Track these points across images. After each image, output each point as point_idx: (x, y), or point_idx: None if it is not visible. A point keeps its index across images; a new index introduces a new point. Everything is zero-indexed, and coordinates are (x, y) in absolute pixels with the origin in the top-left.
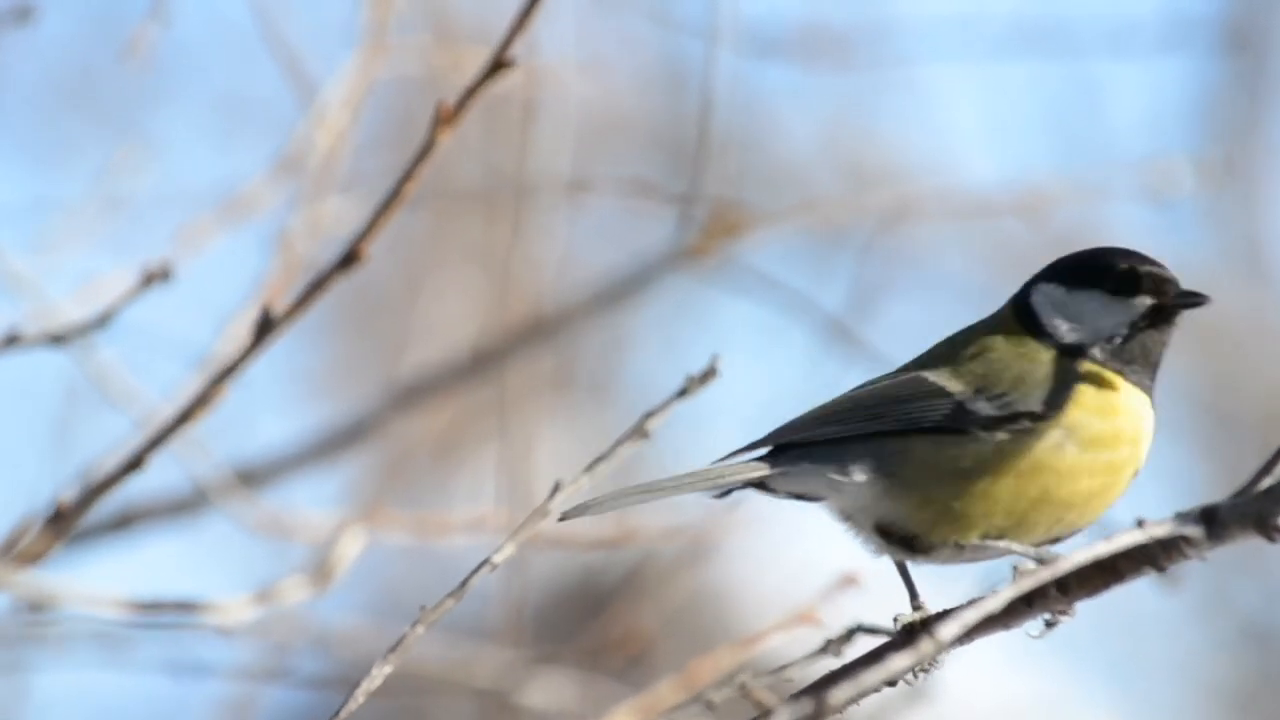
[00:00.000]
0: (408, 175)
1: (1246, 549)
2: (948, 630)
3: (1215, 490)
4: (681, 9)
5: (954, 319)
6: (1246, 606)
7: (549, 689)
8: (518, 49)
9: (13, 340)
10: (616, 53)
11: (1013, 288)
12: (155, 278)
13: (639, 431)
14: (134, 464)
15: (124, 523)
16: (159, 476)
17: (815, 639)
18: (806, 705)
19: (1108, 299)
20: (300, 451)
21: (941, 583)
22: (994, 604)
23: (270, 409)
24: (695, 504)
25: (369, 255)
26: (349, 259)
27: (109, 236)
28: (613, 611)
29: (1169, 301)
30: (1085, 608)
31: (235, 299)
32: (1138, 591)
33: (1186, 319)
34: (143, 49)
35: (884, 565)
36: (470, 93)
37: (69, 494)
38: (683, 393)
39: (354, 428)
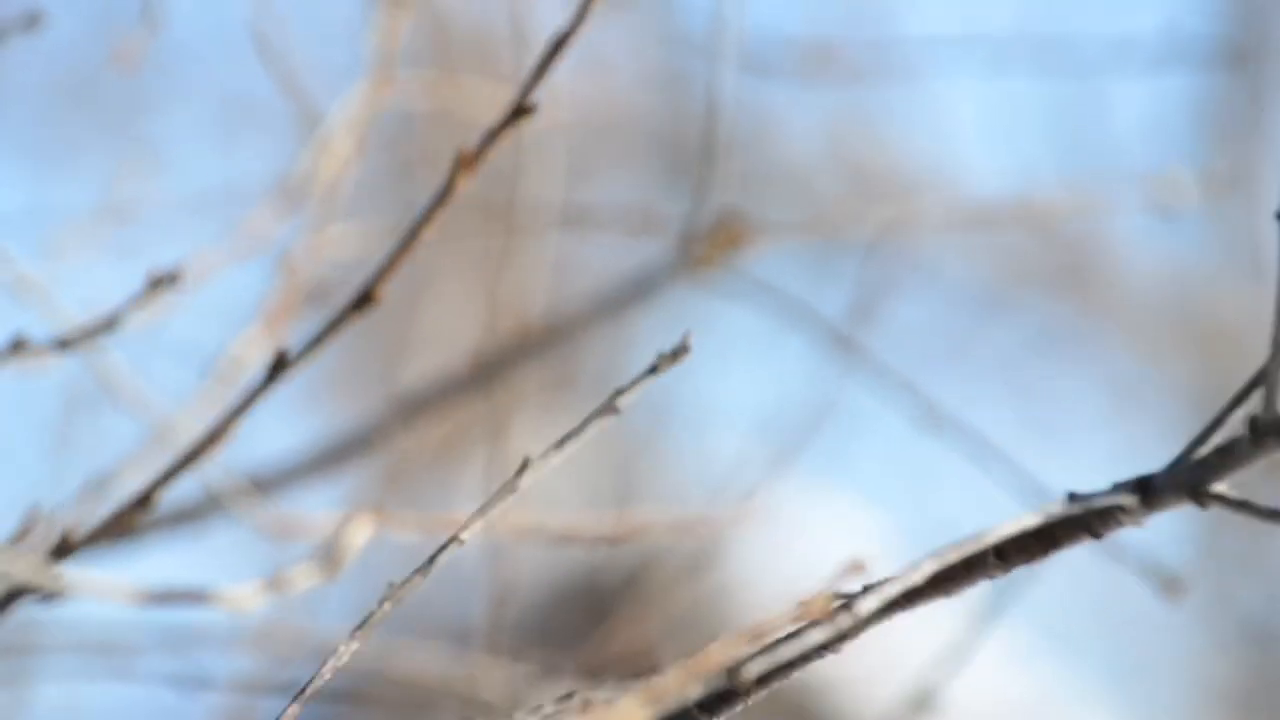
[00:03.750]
0: (425, 219)
1: (1247, 548)
2: (867, 604)
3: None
4: (685, 18)
5: (958, 327)
6: (1246, 606)
7: (550, 698)
8: (540, 94)
9: (19, 346)
10: (619, 59)
11: (1017, 294)
12: (162, 284)
13: (609, 408)
14: (142, 502)
15: (128, 531)
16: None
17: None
18: (720, 679)
19: None
20: (302, 464)
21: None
22: (916, 577)
23: (272, 414)
24: (698, 501)
25: (384, 297)
26: (364, 301)
27: (113, 241)
28: (616, 618)
29: None
30: (1086, 607)
31: (238, 310)
32: (1138, 591)
33: (1182, 322)
34: (135, 53)
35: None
36: (491, 138)
37: (74, 527)
38: (653, 370)
39: (358, 437)
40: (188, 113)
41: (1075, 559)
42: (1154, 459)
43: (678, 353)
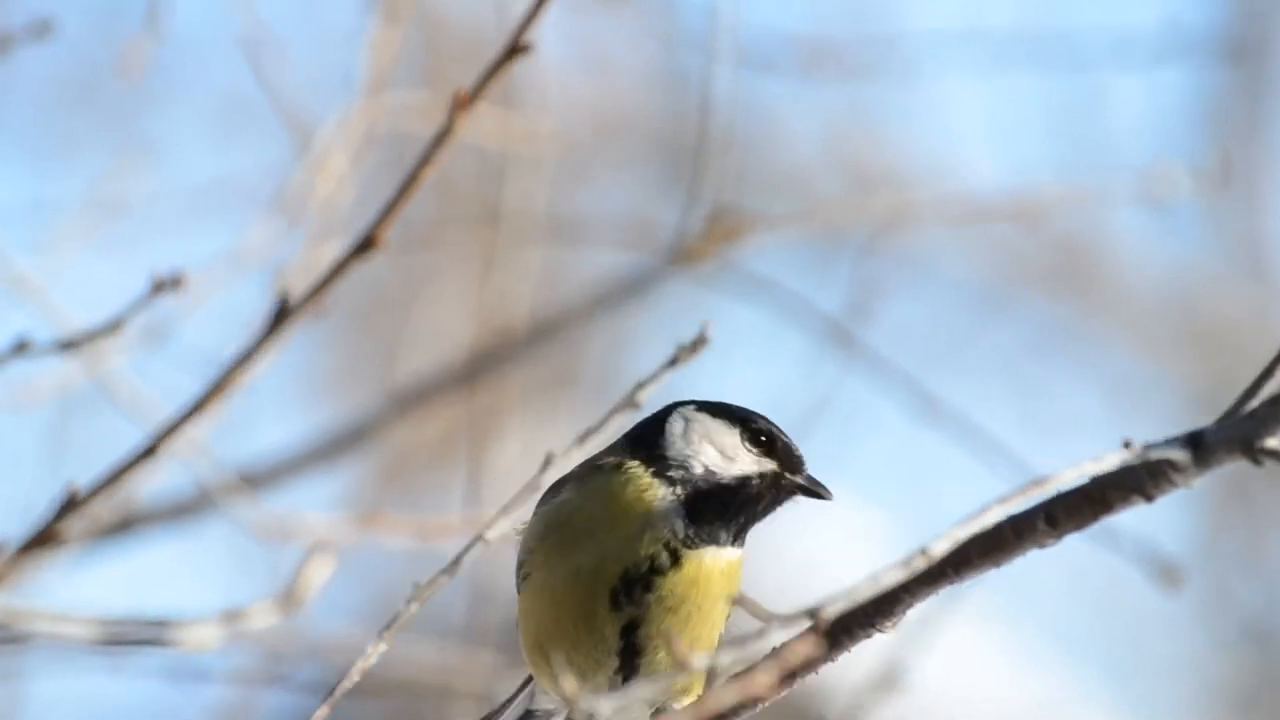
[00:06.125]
0: (425, 160)
1: (1247, 548)
2: (939, 546)
3: (1214, 490)
4: (685, 17)
5: (954, 321)
6: (1246, 606)
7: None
8: (532, 37)
9: (23, 347)
10: (619, 54)
11: (1015, 291)
12: (165, 286)
13: (630, 402)
14: (149, 451)
15: (126, 525)
16: (161, 480)
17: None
18: (802, 618)
19: (741, 442)
20: (300, 455)
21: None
22: (985, 521)
23: (270, 412)
24: None
25: (386, 241)
26: (367, 245)
27: (110, 238)
28: None
29: (795, 479)
30: (1087, 607)
31: (239, 321)
32: (1138, 591)
33: (1182, 320)
34: (137, 63)
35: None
36: (487, 78)
37: (81, 482)
38: (673, 362)
39: (353, 432)
40: (185, 112)
41: (1077, 557)
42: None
43: (697, 344)
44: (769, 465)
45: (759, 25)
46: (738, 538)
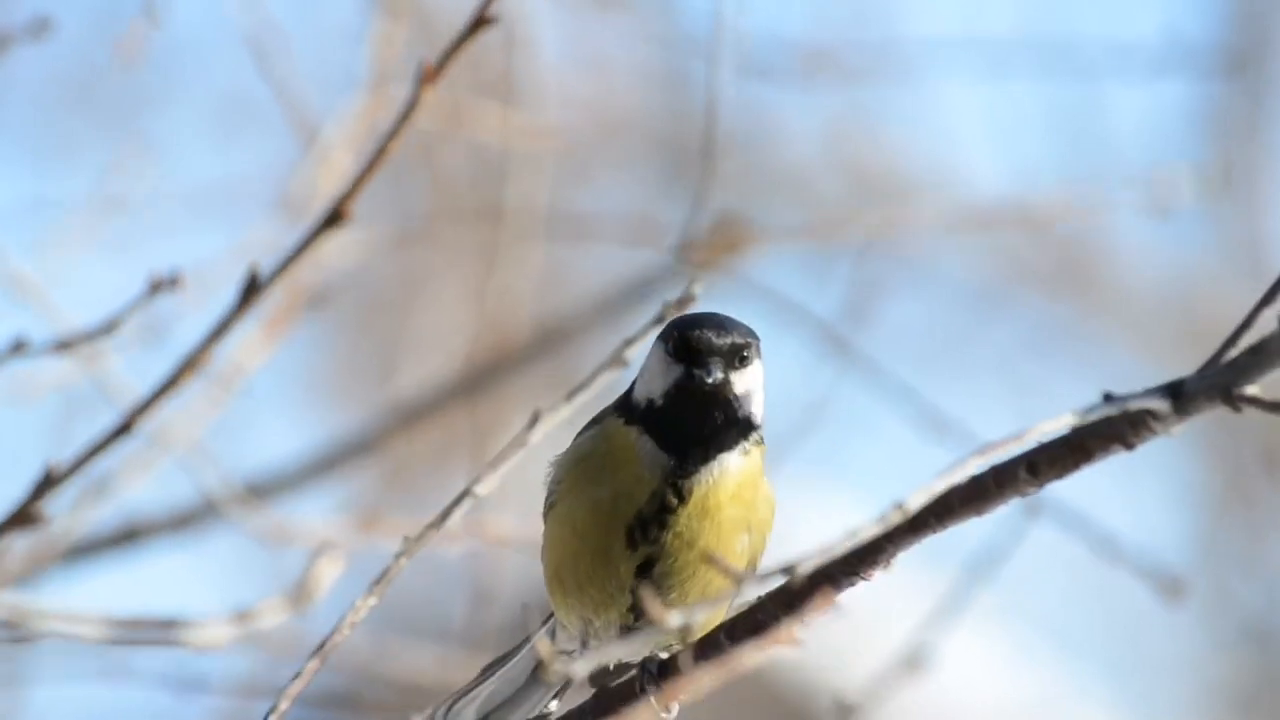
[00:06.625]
0: (392, 133)
1: (1246, 548)
2: (915, 499)
3: (1214, 490)
4: (685, 20)
5: (953, 321)
6: (1246, 606)
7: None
8: (497, 10)
9: (19, 348)
10: (618, 54)
11: (1015, 291)
12: (163, 286)
13: (617, 359)
14: (124, 428)
15: (128, 538)
16: (161, 491)
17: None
18: (777, 574)
19: (665, 356)
20: (303, 469)
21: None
22: (961, 475)
23: (271, 413)
24: None
25: (353, 214)
26: (334, 218)
27: (110, 236)
28: None
29: (698, 372)
30: (1084, 605)
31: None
32: (1137, 590)
33: (1182, 320)
34: (134, 50)
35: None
36: (452, 50)
37: (59, 460)
38: (660, 319)
39: (355, 446)
40: (186, 110)
41: (1077, 561)
42: (1151, 455)
43: (683, 301)
44: (680, 369)
45: (759, 29)
46: (726, 446)
